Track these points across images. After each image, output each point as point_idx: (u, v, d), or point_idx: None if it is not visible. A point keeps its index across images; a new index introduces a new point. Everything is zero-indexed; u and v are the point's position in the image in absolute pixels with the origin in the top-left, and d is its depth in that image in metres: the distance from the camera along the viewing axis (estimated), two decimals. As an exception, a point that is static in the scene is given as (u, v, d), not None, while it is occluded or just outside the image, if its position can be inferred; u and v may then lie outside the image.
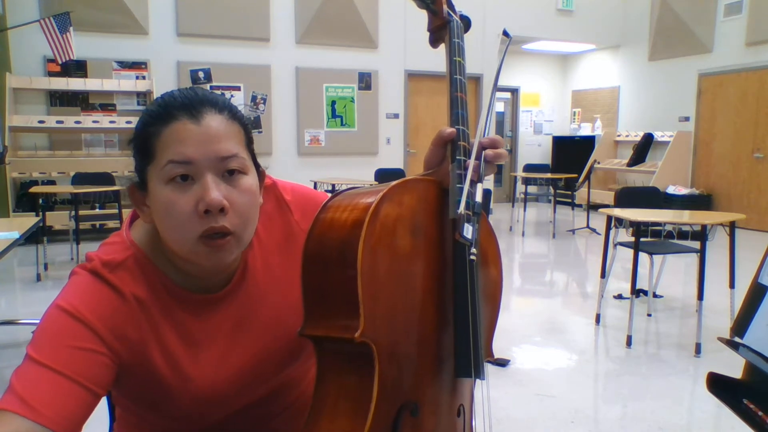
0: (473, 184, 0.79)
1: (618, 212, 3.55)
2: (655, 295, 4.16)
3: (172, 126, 0.76)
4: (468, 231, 0.76)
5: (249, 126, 0.84)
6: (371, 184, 0.88)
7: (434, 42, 0.98)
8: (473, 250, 0.76)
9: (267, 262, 0.91)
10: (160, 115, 0.77)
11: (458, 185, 0.79)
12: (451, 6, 0.95)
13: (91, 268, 0.79)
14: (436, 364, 0.81)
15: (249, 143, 0.83)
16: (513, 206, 8.69)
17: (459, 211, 0.77)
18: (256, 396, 0.92)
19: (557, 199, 7.71)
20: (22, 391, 0.67)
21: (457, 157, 0.82)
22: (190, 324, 0.85)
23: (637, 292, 3.92)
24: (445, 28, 0.94)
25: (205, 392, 0.85)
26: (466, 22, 0.96)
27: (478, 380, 0.82)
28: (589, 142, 9.79)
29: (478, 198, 0.79)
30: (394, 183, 0.77)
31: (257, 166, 0.85)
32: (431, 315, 0.80)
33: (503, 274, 0.98)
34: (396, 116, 8.24)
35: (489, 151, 0.83)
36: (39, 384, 0.68)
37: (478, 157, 0.82)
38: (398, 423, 0.74)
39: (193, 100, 0.77)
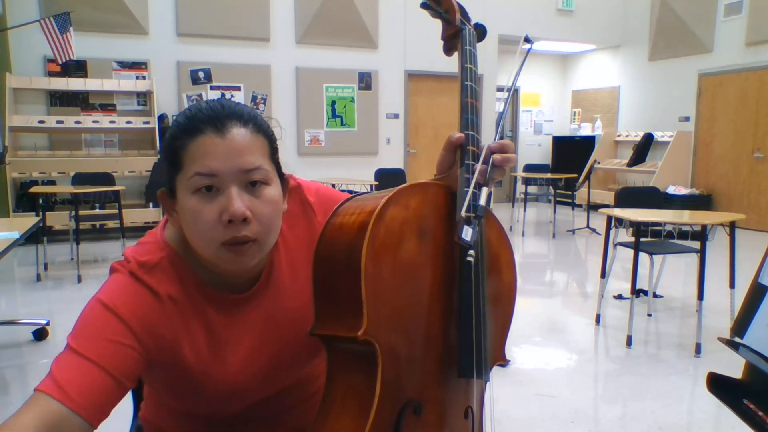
0: (479, 187, 0.81)
1: (618, 212, 3.55)
2: (655, 295, 4.17)
3: (198, 139, 0.79)
4: (467, 233, 0.77)
5: (273, 137, 0.88)
6: (384, 189, 0.89)
7: (448, 50, 1.03)
8: (470, 251, 0.78)
9: (292, 262, 0.95)
10: (187, 128, 0.80)
11: (465, 188, 0.81)
12: (464, 15, 0.99)
13: (129, 269, 0.84)
14: (442, 365, 0.82)
15: (273, 153, 0.86)
16: (513, 206, 8.69)
17: (461, 214, 0.78)
18: (275, 389, 0.96)
19: (557, 199, 7.71)
20: (59, 376, 0.73)
21: (466, 162, 0.84)
22: (219, 322, 0.89)
23: (637, 292, 3.93)
24: (457, 36, 0.98)
25: (229, 387, 0.90)
26: (481, 30, 1.00)
27: (486, 382, 0.84)
28: (589, 142, 9.79)
29: (482, 201, 0.80)
30: (401, 187, 0.79)
31: (281, 174, 0.88)
32: (437, 316, 0.81)
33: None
34: (396, 116, 8.25)
35: (497, 156, 0.84)
36: (74, 371, 0.74)
37: (486, 161, 0.83)
38: (401, 421, 0.75)
39: (219, 113, 0.80)
